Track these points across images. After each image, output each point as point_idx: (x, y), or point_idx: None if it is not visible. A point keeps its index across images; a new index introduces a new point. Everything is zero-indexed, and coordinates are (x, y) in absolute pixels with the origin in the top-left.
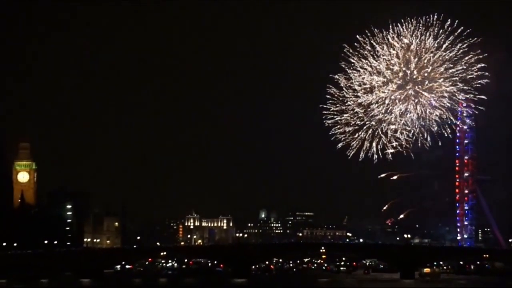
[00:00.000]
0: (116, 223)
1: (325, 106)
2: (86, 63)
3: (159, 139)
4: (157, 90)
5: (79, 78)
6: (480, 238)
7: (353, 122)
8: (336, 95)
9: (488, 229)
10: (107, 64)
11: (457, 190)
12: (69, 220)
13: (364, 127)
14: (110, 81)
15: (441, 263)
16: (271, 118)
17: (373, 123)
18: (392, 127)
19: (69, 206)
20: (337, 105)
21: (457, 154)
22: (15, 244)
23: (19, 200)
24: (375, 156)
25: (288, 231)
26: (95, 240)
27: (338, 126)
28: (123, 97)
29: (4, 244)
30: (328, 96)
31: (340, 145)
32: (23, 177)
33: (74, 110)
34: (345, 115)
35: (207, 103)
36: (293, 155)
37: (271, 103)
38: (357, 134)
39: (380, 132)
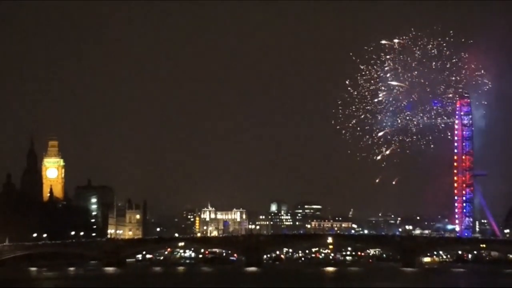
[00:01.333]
0: (138, 216)
1: (336, 110)
2: (108, 62)
3: (178, 137)
4: (175, 88)
5: (104, 78)
6: (477, 229)
7: (360, 127)
8: (347, 100)
9: (485, 221)
10: (130, 62)
11: (455, 185)
12: (94, 213)
13: (373, 133)
14: (132, 82)
15: (440, 252)
16: (284, 116)
17: (379, 127)
18: (397, 131)
19: (94, 200)
20: (347, 111)
21: (455, 151)
22: (45, 235)
23: (48, 195)
24: (380, 156)
25: (297, 223)
26: (118, 232)
27: (348, 130)
28: (143, 96)
29: (35, 235)
30: (339, 101)
31: (349, 148)
32: (51, 173)
33: (99, 109)
34: (354, 120)
35: (222, 99)
36: (303, 152)
37: (283, 100)
38: (364, 139)
39: (388, 137)
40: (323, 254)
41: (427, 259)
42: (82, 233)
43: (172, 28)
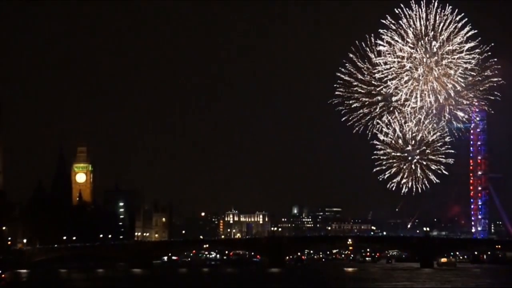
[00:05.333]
0: (164, 219)
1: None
2: (134, 70)
3: (202, 143)
4: (199, 94)
5: (131, 85)
6: (492, 230)
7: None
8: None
9: (500, 222)
10: (157, 70)
11: (471, 188)
12: (121, 216)
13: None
14: (158, 89)
15: (457, 253)
16: (305, 122)
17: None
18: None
19: (121, 204)
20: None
21: (471, 155)
22: (74, 238)
23: (78, 199)
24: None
25: (318, 225)
26: (145, 234)
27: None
28: (168, 102)
29: (65, 238)
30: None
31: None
32: (80, 178)
33: (126, 115)
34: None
35: (246, 105)
36: (323, 157)
37: (305, 107)
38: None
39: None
40: (343, 255)
41: (444, 259)
42: (110, 236)
43: (202, 35)
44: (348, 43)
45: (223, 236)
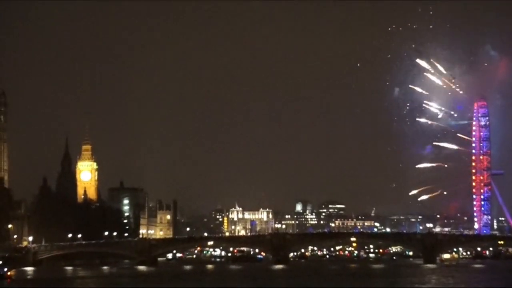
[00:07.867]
0: (168, 216)
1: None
2: (140, 67)
3: (206, 140)
4: (203, 93)
5: (136, 84)
6: (495, 226)
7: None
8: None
9: (503, 218)
10: (162, 68)
11: (474, 184)
12: (126, 214)
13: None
14: (163, 87)
15: (460, 249)
16: (308, 119)
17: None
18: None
19: (126, 201)
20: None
21: (473, 151)
22: (79, 236)
23: (82, 196)
24: None
25: (322, 222)
26: (149, 232)
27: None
28: (173, 100)
29: (70, 235)
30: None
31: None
32: (85, 175)
33: (131, 113)
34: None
35: (250, 103)
36: (327, 154)
37: (309, 103)
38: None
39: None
40: (346, 252)
41: (446, 256)
42: (115, 233)
43: (206, 35)
44: (354, 47)
45: (227, 233)
